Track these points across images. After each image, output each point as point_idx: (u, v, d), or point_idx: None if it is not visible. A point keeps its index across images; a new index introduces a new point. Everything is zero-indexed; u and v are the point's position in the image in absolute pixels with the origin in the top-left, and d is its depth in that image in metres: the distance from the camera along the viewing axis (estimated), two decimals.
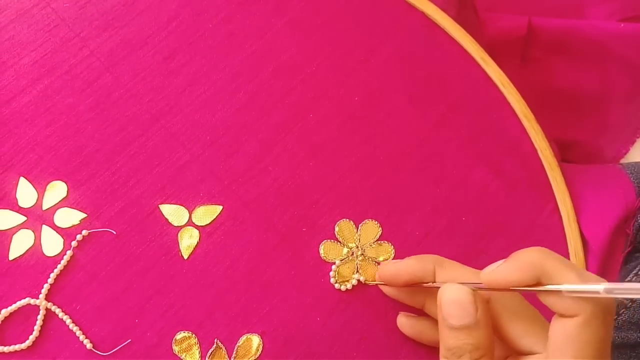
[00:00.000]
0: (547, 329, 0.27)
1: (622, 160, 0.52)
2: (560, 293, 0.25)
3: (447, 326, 0.28)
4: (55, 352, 0.34)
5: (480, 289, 0.28)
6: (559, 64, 0.51)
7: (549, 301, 0.26)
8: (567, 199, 0.40)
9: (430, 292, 0.33)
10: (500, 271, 0.27)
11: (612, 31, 0.49)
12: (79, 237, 0.36)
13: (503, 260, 0.28)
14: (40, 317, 0.34)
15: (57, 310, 0.35)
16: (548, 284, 0.26)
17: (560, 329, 0.26)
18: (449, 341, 0.28)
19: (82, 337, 0.34)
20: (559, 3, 0.53)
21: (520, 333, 0.29)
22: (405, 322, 0.35)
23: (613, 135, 0.52)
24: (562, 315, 0.26)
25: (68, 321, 0.34)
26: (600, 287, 0.23)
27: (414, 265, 0.33)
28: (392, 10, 0.43)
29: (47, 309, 0.35)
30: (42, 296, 0.35)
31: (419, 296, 0.34)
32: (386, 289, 0.36)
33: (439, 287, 0.30)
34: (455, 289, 0.28)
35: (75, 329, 0.34)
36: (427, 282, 0.32)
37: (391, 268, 0.34)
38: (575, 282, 0.25)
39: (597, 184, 0.42)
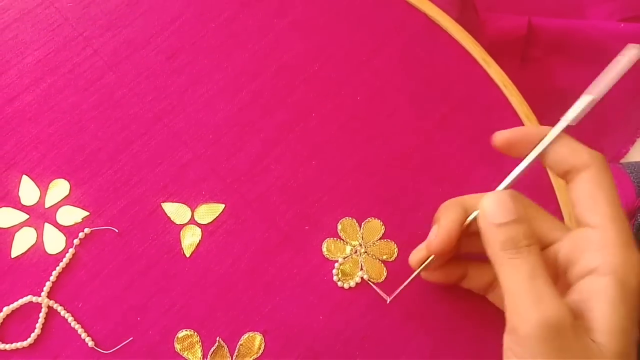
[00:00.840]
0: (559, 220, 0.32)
1: (622, 160, 0.52)
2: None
3: (495, 226, 0.29)
4: (57, 350, 0.34)
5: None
6: (559, 63, 0.51)
7: (557, 161, 0.31)
8: (569, 200, 0.39)
9: (471, 261, 0.35)
10: (517, 130, 0.33)
11: (612, 31, 0.49)
12: (81, 235, 0.36)
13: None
14: (42, 314, 0.34)
15: (59, 308, 0.34)
16: None
17: (582, 183, 0.29)
18: (500, 236, 0.29)
19: (84, 335, 0.34)
20: (559, 3, 0.53)
21: (548, 228, 0.32)
22: (434, 276, 0.35)
23: (613, 135, 0.52)
24: (575, 172, 0.30)
25: (70, 319, 0.34)
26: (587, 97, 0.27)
27: (458, 219, 0.33)
28: (394, 11, 0.44)
29: (49, 307, 0.34)
30: (44, 294, 0.35)
31: (459, 267, 0.35)
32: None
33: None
34: (493, 195, 0.30)
35: (77, 326, 0.34)
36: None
37: (438, 241, 0.33)
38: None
39: None
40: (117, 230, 0.36)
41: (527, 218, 0.30)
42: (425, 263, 0.34)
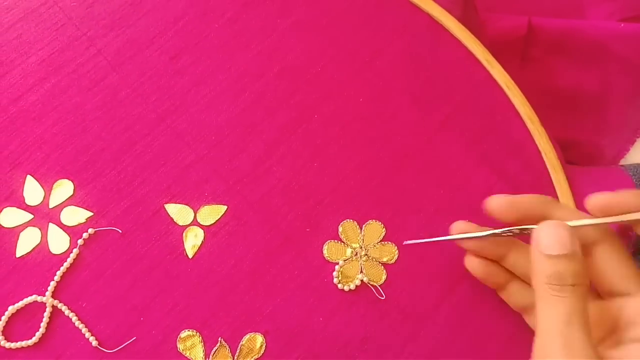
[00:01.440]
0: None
1: (622, 160, 0.52)
2: None
3: (545, 257, 0.28)
4: (61, 349, 0.34)
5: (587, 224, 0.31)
6: (559, 64, 0.51)
7: None
8: (571, 202, 0.40)
9: (514, 244, 0.34)
10: (616, 195, 0.30)
11: (612, 31, 0.49)
12: (85, 235, 0.36)
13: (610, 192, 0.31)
14: (46, 314, 0.35)
15: (64, 308, 0.35)
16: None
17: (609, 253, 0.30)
18: (547, 268, 0.28)
19: (87, 334, 0.34)
20: (559, 3, 0.53)
21: (622, 275, 0.31)
22: (476, 263, 0.35)
23: (613, 135, 0.52)
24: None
25: (74, 318, 0.35)
26: None
27: (532, 199, 0.33)
28: (397, 12, 0.43)
29: (54, 307, 0.35)
30: (48, 293, 0.35)
31: (503, 247, 0.34)
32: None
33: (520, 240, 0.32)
34: (553, 223, 0.29)
35: (81, 326, 0.35)
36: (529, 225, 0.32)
37: (504, 199, 0.33)
38: None
39: (599, 186, 0.42)
40: (120, 231, 0.37)
41: (582, 257, 0.29)
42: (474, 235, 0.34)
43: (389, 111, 0.41)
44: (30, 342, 0.34)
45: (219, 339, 0.35)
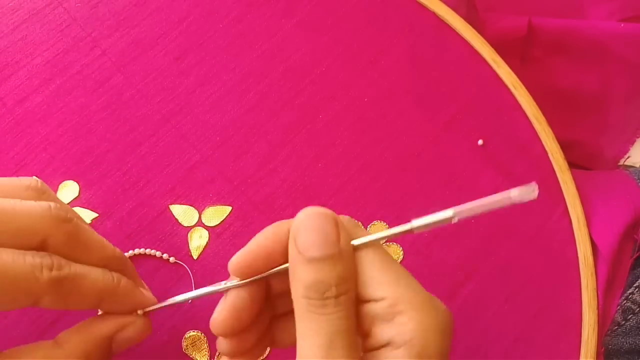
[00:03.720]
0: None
1: (622, 160, 0.51)
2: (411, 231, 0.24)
3: (304, 260, 0.22)
4: None
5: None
6: (559, 64, 0.51)
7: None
8: (577, 203, 0.39)
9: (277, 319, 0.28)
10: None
11: (612, 31, 0.49)
12: None
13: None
14: None
15: None
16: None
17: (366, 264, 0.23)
18: (307, 277, 0.22)
19: None
20: (559, 3, 0.52)
21: (375, 280, 0.23)
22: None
23: (613, 135, 0.52)
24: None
25: None
26: (449, 212, 0.23)
27: (265, 246, 0.25)
28: (403, 11, 0.43)
29: None
30: None
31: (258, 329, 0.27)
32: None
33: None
34: (314, 213, 0.23)
35: None
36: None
37: (239, 261, 0.26)
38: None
39: (605, 190, 0.42)
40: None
41: (351, 254, 0.23)
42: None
43: (394, 111, 0.41)
44: None
45: None
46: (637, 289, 0.40)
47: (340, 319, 0.22)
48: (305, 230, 0.22)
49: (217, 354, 0.35)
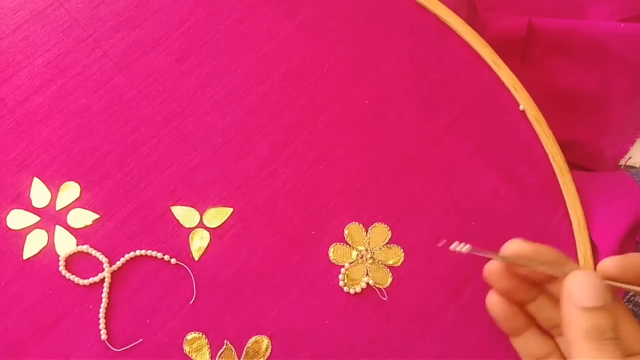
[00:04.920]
0: None
1: (623, 161, 0.51)
2: None
3: (582, 309, 0.27)
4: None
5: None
6: (559, 64, 0.51)
7: None
8: (578, 205, 0.39)
9: (544, 289, 0.33)
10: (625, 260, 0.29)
11: (612, 31, 0.48)
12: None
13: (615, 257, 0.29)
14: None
15: None
16: None
17: None
18: (585, 322, 0.27)
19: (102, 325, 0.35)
20: (559, 3, 0.52)
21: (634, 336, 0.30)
22: (498, 302, 0.34)
23: (613, 135, 0.52)
24: None
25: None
26: None
27: (552, 252, 0.31)
28: (404, 13, 0.43)
29: None
30: None
31: (534, 290, 0.33)
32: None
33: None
34: (587, 274, 0.28)
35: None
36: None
37: (531, 246, 0.32)
38: None
39: (606, 191, 0.42)
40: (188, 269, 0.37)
41: (615, 310, 0.28)
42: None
43: (395, 113, 0.41)
44: None
45: (225, 342, 0.35)
46: None
47: (619, 354, 0.27)
48: (580, 286, 0.28)
49: (218, 355, 0.35)
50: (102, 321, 0.35)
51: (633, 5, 0.49)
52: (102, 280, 0.36)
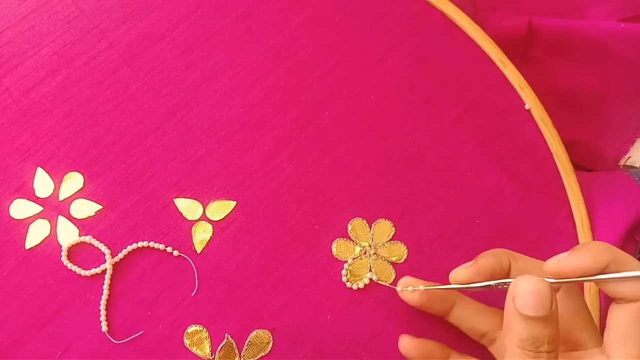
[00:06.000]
0: (595, 325, 0.30)
1: (622, 160, 0.51)
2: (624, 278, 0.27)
3: (522, 317, 0.27)
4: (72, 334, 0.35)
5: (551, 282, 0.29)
6: (559, 64, 0.51)
7: (610, 287, 0.27)
8: (582, 205, 0.39)
9: (459, 298, 0.34)
10: (571, 259, 0.28)
11: (612, 31, 0.48)
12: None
13: (566, 252, 0.29)
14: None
15: None
16: (616, 271, 0.27)
17: (623, 313, 0.27)
18: (523, 332, 0.27)
19: (103, 317, 0.35)
20: (559, 3, 0.52)
21: (579, 327, 0.30)
22: (409, 344, 0.35)
23: (613, 135, 0.52)
24: (624, 301, 0.27)
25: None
26: None
27: (492, 263, 0.32)
28: (410, 9, 0.43)
29: None
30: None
31: (448, 302, 0.34)
32: (411, 298, 0.35)
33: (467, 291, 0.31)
34: (533, 280, 0.27)
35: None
36: (498, 280, 0.31)
37: (466, 272, 0.32)
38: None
39: (606, 192, 0.42)
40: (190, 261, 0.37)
41: (558, 318, 0.27)
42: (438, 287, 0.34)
43: (400, 109, 0.41)
44: None
45: (226, 335, 0.35)
46: None
47: None
48: (524, 292, 0.27)
49: (218, 349, 0.35)
50: (102, 313, 0.35)
51: (633, 5, 0.49)
52: (104, 271, 0.36)
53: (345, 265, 0.37)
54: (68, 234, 0.36)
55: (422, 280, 0.35)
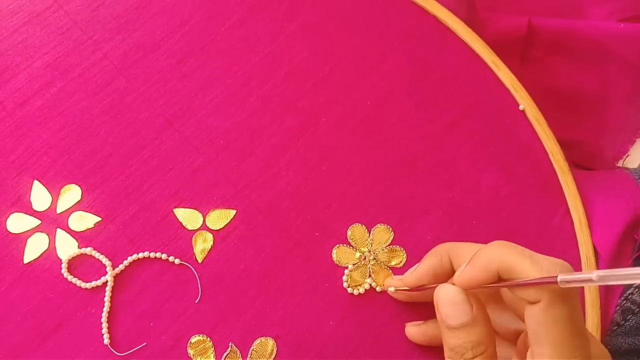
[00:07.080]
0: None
1: (622, 160, 0.52)
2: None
3: (446, 327, 0.28)
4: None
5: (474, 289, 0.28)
6: (559, 64, 0.51)
7: (516, 292, 0.27)
8: (579, 204, 0.40)
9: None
10: (467, 273, 0.28)
11: (612, 31, 0.49)
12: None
13: (465, 262, 0.29)
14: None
15: None
16: (508, 278, 0.27)
17: (531, 315, 0.26)
18: (450, 341, 0.28)
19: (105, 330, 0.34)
20: (559, 3, 0.53)
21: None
22: (414, 331, 0.36)
23: (613, 135, 0.52)
24: (529, 302, 0.26)
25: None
26: (592, 274, 0.24)
27: (432, 265, 0.33)
28: (404, 14, 0.43)
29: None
30: None
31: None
32: (399, 295, 0.36)
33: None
34: (447, 290, 0.28)
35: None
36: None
37: (412, 278, 0.34)
38: (533, 274, 0.26)
39: (604, 190, 0.42)
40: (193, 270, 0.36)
41: (484, 318, 0.28)
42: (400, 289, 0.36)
43: (396, 114, 0.41)
44: None
45: (230, 344, 0.35)
46: (636, 289, 0.40)
47: None
48: (443, 302, 0.28)
49: (223, 357, 0.35)
50: (104, 325, 0.35)
51: (633, 5, 0.50)
52: (105, 283, 0.36)
53: (346, 271, 0.37)
54: (67, 247, 0.36)
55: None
